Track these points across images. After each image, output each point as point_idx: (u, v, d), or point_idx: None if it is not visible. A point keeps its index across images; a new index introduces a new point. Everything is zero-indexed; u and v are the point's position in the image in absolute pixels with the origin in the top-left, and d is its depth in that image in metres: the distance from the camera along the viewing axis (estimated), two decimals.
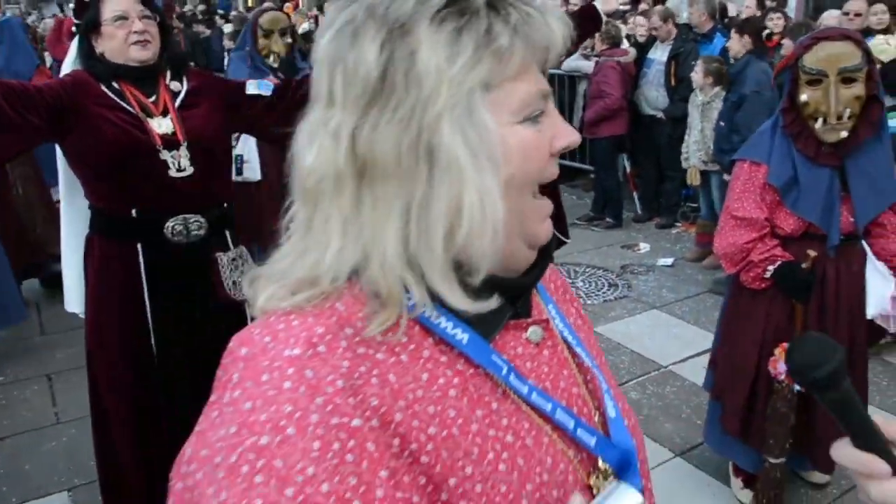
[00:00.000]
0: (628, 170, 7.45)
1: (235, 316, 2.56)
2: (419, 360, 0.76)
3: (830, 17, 6.07)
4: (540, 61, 0.78)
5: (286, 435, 0.66)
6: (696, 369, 4.05)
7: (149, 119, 2.41)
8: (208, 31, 13.00)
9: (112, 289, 2.49)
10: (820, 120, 2.52)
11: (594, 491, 0.83)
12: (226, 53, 9.12)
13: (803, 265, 2.64)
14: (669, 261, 6.15)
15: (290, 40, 4.46)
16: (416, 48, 0.71)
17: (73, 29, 2.76)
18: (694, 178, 6.01)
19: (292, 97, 2.61)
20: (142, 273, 2.46)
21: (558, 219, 4.06)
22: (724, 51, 6.64)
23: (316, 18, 13.91)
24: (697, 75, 5.78)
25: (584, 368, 0.90)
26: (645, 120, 6.99)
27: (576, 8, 5.20)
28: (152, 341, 2.50)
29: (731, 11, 7.98)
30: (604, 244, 6.66)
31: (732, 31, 5.81)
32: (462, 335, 0.77)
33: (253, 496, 0.64)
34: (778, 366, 2.66)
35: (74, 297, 2.74)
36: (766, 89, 5.13)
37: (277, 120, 2.59)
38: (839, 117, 2.50)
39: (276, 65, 4.32)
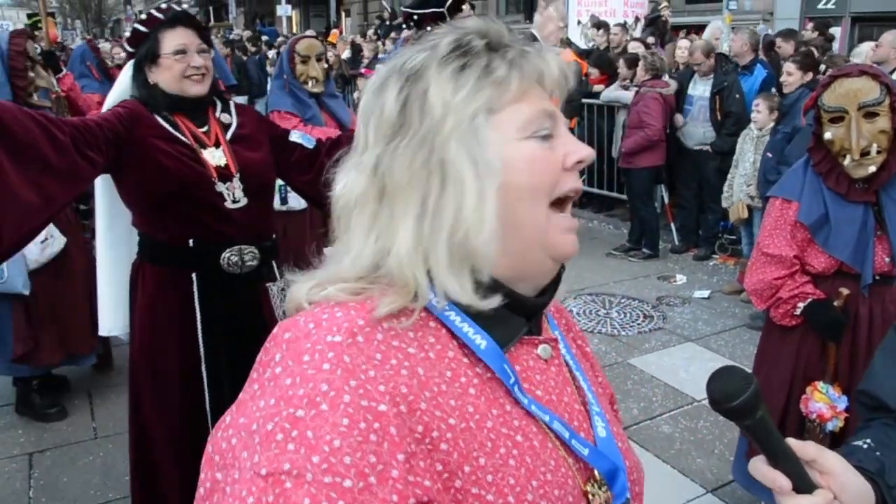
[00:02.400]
0: (666, 201, 7.41)
1: None
2: (444, 358, 0.85)
3: (866, 46, 6.04)
4: (542, 84, 0.91)
5: (320, 410, 0.73)
6: None
7: (202, 150, 2.45)
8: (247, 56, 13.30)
9: (165, 316, 2.50)
10: (847, 156, 2.50)
11: (588, 498, 0.92)
12: (269, 80, 9.31)
13: (835, 303, 2.60)
14: (706, 293, 6.09)
15: (325, 66, 4.54)
16: (427, 87, 0.86)
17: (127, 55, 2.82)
18: (741, 213, 5.88)
19: (327, 156, 2.60)
20: (195, 302, 2.49)
21: None
22: (764, 83, 6.61)
23: (352, 43, 14.10)
24: (761, 115, 5.71)
25: (581, 391, 1.00)
26: (688, 153, 6.94)
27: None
28: (203, 368, 2.52)
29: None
30: (640, 275, 6.62)
31: (790, 63, 5.75)
32: (481, 341, 0.87)
33: (283, 460, 0.71)
34: (810, 404, 2.62)
35: (109, 320, 2.75)
36: None
37: (309, 176, 2.65)
38: (865, 153, 2.47)
39: (316, 90, 4.40)
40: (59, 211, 2.29)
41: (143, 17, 2.54)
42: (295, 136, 2.72)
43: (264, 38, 16.78)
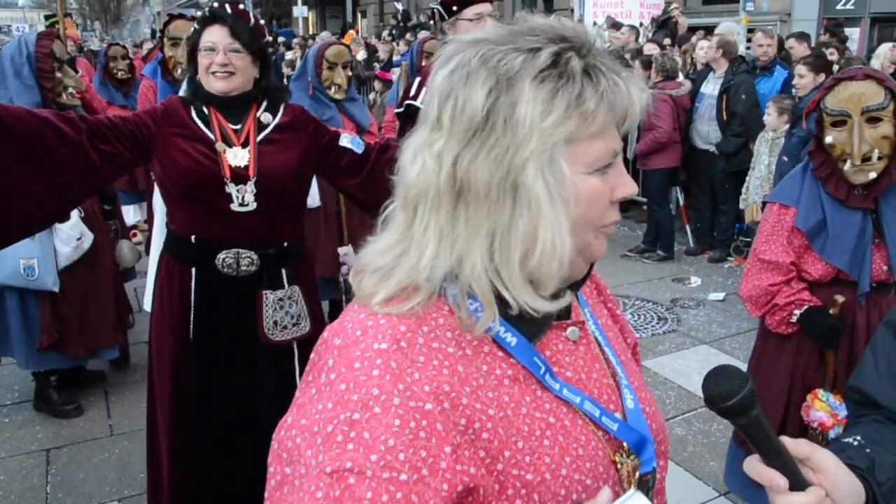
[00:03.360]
0: (681, 202, 7.39)
1: (279, 357, 2.65)
2: (481, 353, 0.92)
3: (885, 48, 5.98)
4: (619, 123, 0.92)
5: (373, 413, 0.82)
6: None
7: (227, 149, 2.49)
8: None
9: (167, 304, 2.61)
10: (848, 161, 2.44)
11: (618, 466, 0.99)
12: (285, 80, 9.34)
13: (831, 311, 2.54)
14: (721, 295, 6.06)
15: (350, 73, 4.58)
16: (518, 100, 0.86)
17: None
18: (756, 215, 5.83)
19: (376, 161, 2.65)
20: (191, 297, 2.57)
21: None
22: (785, 84, 6.56)
23: (366, 44, 14.12)
24: (771, 117, 5.67)
25: (611, 365, 1.06)
26: (699, 153, 6.93)
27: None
28: (191, 359, 2.60)
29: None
30: (654, 277, 6.60)
31: (802, 66, 5.68)
32: (512, 339, 0.93)
33: (345, 458, 0.80)
34: (811, 413, 2.58)
35: (148, 299, 3.01)
36: None
37: (358, 180, 2.68)
38: (867, 158, 2.41)
39: (338, 96, 4.44)
40: (78, 200, 2.47)
41: (199, 14, 2.71)
42: (345, 141, 2.71)
43: (281, 39, 16.85)
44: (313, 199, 4.23)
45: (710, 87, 6.79)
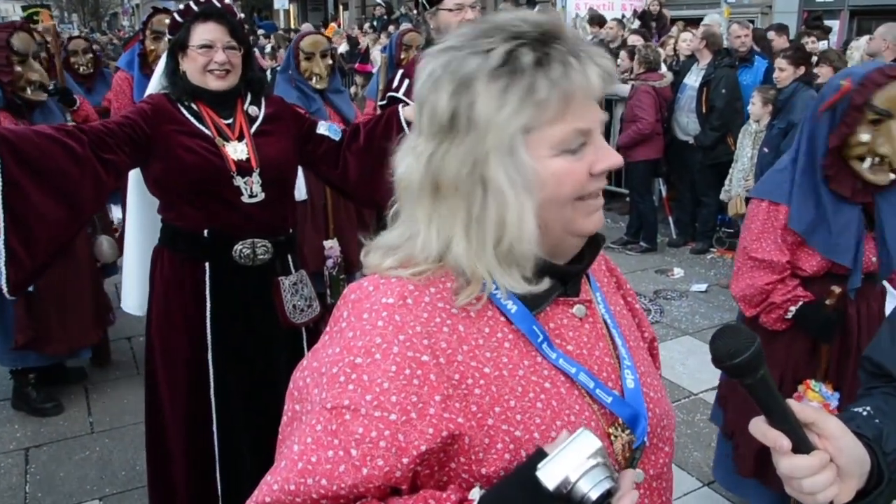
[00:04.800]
0: (664, 194, 7.41)
1: (292, 340, 2.68)
2: (484, 317, 1.00)
3: (863, 41, 6.03)
4: (581, 102, 0.96)
5: (374, 359, 0.93)
6: None
7: (225, 143, 2.48)
8: None
9: (178, 301, 2.57)
10: (868, 160, 2.37)
11: (611, 439, 1.04)
12: (267, 72, 9.26)
13: (827, 301, 2.53)
14: (703, 286, 6.09)
15: (330, 62, 4.53)
16: (475, 99, 0.94)
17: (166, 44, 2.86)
18: (739, 208, 5.84)
19: (346, 149, 2.69)
20: (206, 291, 2.54)
21: None
22: (767, 74, 6.59)
23: (348, 37, 14.04)
24: (756, 107, 5.68)
25: (616, 346, 1.11)
26: (680, 144, 6.95)
27: None
28: (209, 356, 2.57)
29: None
30: (638, 268, 6.62)
31: (781, 59, 5.71)
32: (512, 306, 1.00)
33: (344, 397, 0.92)
34: (804, 402, 2.59)
35: (132, 298, 2.89)
36: None
37: (336, 166, 2.70)
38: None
39: (319, 86, 4.40)
40: (88, 219, 2.38)
41: (182, 7, 2.58)
42: (322, 129, 2.74)
43: (261, 31, 16.72)
44: (300, 191, 4.21)
45: (693, 79, 6.81)
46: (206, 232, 2.51)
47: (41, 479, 3.49)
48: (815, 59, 6.28)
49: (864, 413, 1.14)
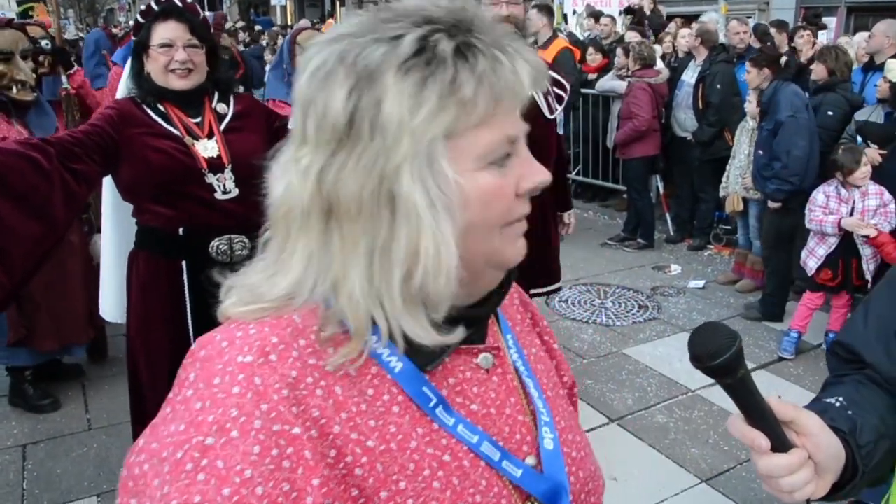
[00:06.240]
0: (661, 191, 7.42)
1: None
2: (367, 375, 0.80)
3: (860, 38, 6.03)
4: (513, 106, 0.79)
5: (230, 437, 0.71)
6: (724, 394, 3.98)
7: (195, 142, 2.48)
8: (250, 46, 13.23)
9: (157, 303, 2.58)
10: None
11: None
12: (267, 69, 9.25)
13: None
14: (701, 283, 6.09)
15: None
16: (382, 97, 0.73)
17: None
18: (736, 205, 5.86)
19: None
20: (185, 289, 2.55)
21: (563, 191, 3.93)
22: None
23: None
24: (751, 105, 5.69)
25: (530, 399, 0.93)
26: (678, 141, 6.95)
27: None
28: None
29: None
30: (635, 265, 6.62)
31: (747, 64, 5.74)
32: (397, 363, 0.80)
33: (193, 492, 0.68)
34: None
35: (111, 306, 2.86)
36: (800, 112, 5.08)
37: None
38: None
39: None
40: (65, 231, 2.38)
41: (143, 7, 2.58)
42: (293, 123, 2.73)
43: (258, 27, 16.68)
44: None
45: (690, 75, 6.82)
46: (181, 230, 2.51)
47: (38, 475, 3.48)
48: (811, 55, 6.30)
49: (837, 404, 1.13)
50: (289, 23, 21.21)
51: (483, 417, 0.86)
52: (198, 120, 2.54)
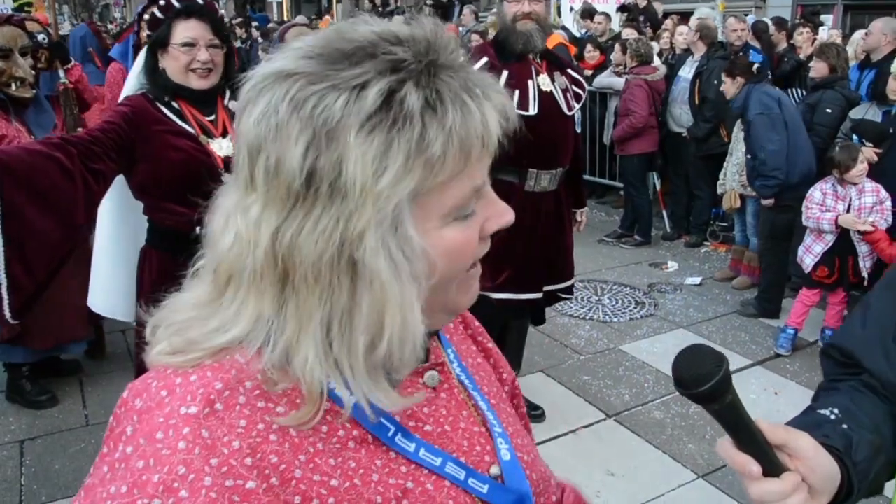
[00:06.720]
0: (658, 187, 7.43)
1: None
2: (318, 413, 0.74)
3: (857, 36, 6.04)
4: (482, 154, 0.74)
5: (179, 498, 0.65)
6: None
7: (210, 141, 2.47)
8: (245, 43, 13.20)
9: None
10: None
11: None
12: None
13: None
14: (697, 280, 6.11)
15: None
16: (343, 157, 0.67)
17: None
18: (733, 202, 5.87)
19: None
20: None
21: (578, 189, 3.79)
22: (761, 69, 6.61)
23: None
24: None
25: (480, 410, 0.90)
26: (674, 137, 6.97)
27: None
28: None
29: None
30: (632, 262, 6.64)
31: (723, 75, 5.77)
32: (350, 399, 0.74)
33: None
34: None
35: (101, 299, 2.87)
36: (770, 109, 5.13)
37: None
38: None
39: None
40: (80, 231, 2.39)
41: (163, 3, 2.56)
42: None
43: (254, 24, 16.64)
44: None
45: (687, 71, 6.83)
46: (198, 229, 2.49)
47: (37, 471, 3.48)
48: (810, 52, 6.32)
49: (833, 417, 1.09)
50: (285, 19, 21.17)
51: (440, 437, 0.83)
52: (212, 118, 2.52)
